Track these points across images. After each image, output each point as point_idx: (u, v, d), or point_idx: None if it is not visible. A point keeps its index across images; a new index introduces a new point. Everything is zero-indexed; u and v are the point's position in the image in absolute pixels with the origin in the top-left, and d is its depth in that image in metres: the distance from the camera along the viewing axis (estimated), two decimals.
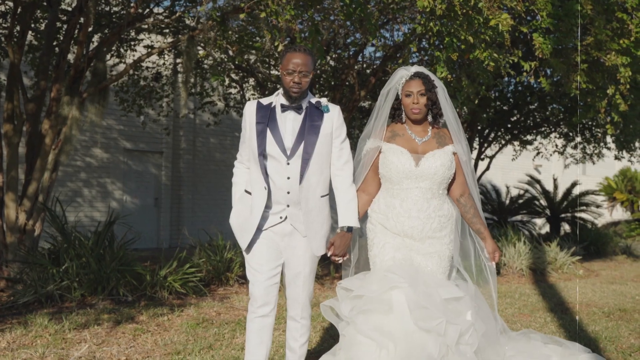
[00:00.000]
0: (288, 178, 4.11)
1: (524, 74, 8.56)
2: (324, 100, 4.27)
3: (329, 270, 10.74)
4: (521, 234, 13.19)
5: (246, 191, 4.25)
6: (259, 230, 4.17)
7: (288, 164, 4.11)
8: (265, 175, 4.11)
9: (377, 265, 4.17)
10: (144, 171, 17.07)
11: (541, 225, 21.43)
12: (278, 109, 4.20)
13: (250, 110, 4.23)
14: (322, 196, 4.21)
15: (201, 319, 7.08)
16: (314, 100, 4.26)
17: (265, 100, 4.27)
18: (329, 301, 4.16)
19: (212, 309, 7.69)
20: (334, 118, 4.22)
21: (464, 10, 6.46)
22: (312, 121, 4.17)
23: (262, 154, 4.11)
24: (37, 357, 5.34)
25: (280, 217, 4.16)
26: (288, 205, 4.14)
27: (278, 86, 12.11)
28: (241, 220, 4.23)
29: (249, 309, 4.20)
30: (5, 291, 8.29)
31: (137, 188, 16.87)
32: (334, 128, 4.22)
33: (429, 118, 4.29)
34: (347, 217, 4.18)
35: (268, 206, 4.15)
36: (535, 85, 14.51)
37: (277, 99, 4.24)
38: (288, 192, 4.12)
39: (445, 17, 6.69)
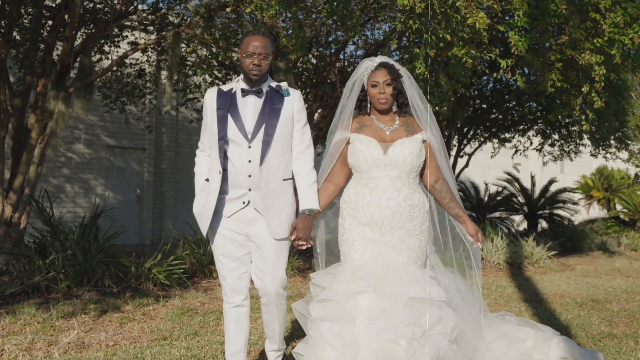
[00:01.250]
0: (249, 161, 4.11)
1: (501, 70, 8.80)
2: (284, 84, 4.29)
3: (310, 264, 10.92)
4: (499, 229, 13.44)
5: (207, 179, 4.26)
6: (223, 217, 4.19)
7: (249, 147, 4.11)
8: (224, 159, 4.13)
9: (346, 263, 4.18)
10: (127, 168, 17.16)
11: (519, 221, 21.77)
12: (239, 94, 4.20)
13: (210, 97, 4.24)
14: (284, 179, 4.22)
15: (186, 308, 7.25)
16: (274, 84, 4.27)
17: (225, 87, 4.28)
18: (299, 304, 4.22)
19: (197, 299, 7.86)
20: (294, 102, 4.23)
21: (443, 9, 6.69)
22: (273, 104, 4.18)
23: (223, 139, 4.12)
24: (26, 343, 5.48)
25: (243, 202, 4.16)
26: (250, 189, 4.14)
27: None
28: (201, 206, 4.23)
29: (223, 299, 4.27)
30: None
31: (119, 184, 16.96)
32: (295, 112, 4.23)
33: (394, 108, 4.30)
34: (308, 200, 4.20)
35: (226, 191, 4.17)
36: (512, 84, 14.79)
37: (238, 84, 4.25)
38: (249, 176, 4.12)
39: (424, 16, 6.91)
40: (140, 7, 11.60)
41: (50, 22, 10.51)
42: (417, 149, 4.19)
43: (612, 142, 16.01)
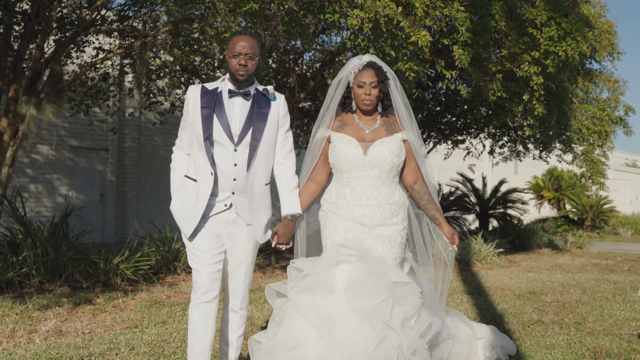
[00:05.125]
0: (235, 165, 4.04)
1: (446, 81, 9.51)
2: (270, 88, 4.22)
3: (270, 260, 11.49)
4: None
5: (187, 177, 4.16)
6: (203, 217, 4.08)
7: (235, 150, 4.04)
8: (212, 161, 4.02)
9: (328, 246, 4.20)
10: (90, 168, 17.52)
11: (471, 221, 22.54)
12: (225, 95, 4.11)
13: (194, 95, 4.12)
14: (265, 184, 4.18)
15: (153, 301, 7.79)
16: (260, 87, 4.19)
17: (210, 85, 4.17)
18: (276, 284, 4.20)
19: (163, 293, 8.39)
20: (280, 106, 4.19)
21: (389, 28, 7.34)
22: (260, 108, 4.10)
23: (208, 139, 4.02)
24: (8, 331, 5.97)
25: (225, 205, 4.09)
26: (233, 193, 4.07)
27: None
28: (185, 206, 4.11)
29: (192, 297, 4.12)
30: None
31: (83, 184, 17.31)
32: (280, 116, 4.18)
33: (379, 108, 4.29)
34: (291, 206, 4.20)
35: (215, 194, 4.07)
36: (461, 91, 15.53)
37: (224, 84, 4.15)
38: (234, 179, 4.05)
39: (372, 34, 7.57)
40: (106, 13, 12.00)
41: (19, 28, 10.89)
42: (397, 148, 4.20)
43: (556, 145, 16.83)
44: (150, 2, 10.66)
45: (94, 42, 12.80)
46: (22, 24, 10.65)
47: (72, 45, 12.36)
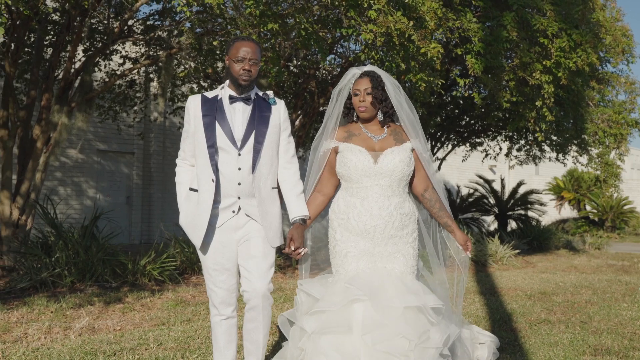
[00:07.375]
0: (239, 169, 4.04)
1: (460, 88, 9.85)
2: (270, 93, 4.24)
3: (290, 261, 11.88)
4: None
5: (192, 189, 4.18)
6: (213, 227, 4.10)
7: (239, 155, 4.04)
8: (215, 167, 4.03)
9: (340, 275, 4.12)
10: (117, 171, 18.02)
11: (490, 222, 22.77)
12: (226, 101, 4.12)
13: (194, 104, 4.14)
14: (272, 188, 4.18)
15: (179, 300, 8.20)
16: (260, 92, 4.21)
17: (210, 94, 4.18)
18: (289, 313, 4.20)
19: (188, 293, 8.80)
20: (280, 110, 4.20)
21: (401, 41, 7.70)
22: (261, 112, 4.11)
23: (212, 146, 4.02)
24: (45, 328, 6.40)
25: (233, 211, 4.09)
26: (239, 197, 4.07)
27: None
28: (190, 217, 4.14)
29: (211, 312, 4.19)
30: (1, 279, 9.30)
31: (109, 187, 17.81)
32: (282, 120, 4.19)
33: (380, 116, 4.22)
34: (299, 209, 4.17)
35: (218, 201, 4.07)
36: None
37: (223, 91, 4.16)
38: (239, 184, 4.05)
39: (385, 46, 7.94)
40: (133, 23, 12.44)
41: (49, 37, 11.36)
42: (407, 157, 4.17)
43: (572, 147, 17.04)
44: (174, 12, 11.08)
45: (120, 52, 13.26)
46: (52, 33, 11.12)
47: (101, 55, 12.84)
